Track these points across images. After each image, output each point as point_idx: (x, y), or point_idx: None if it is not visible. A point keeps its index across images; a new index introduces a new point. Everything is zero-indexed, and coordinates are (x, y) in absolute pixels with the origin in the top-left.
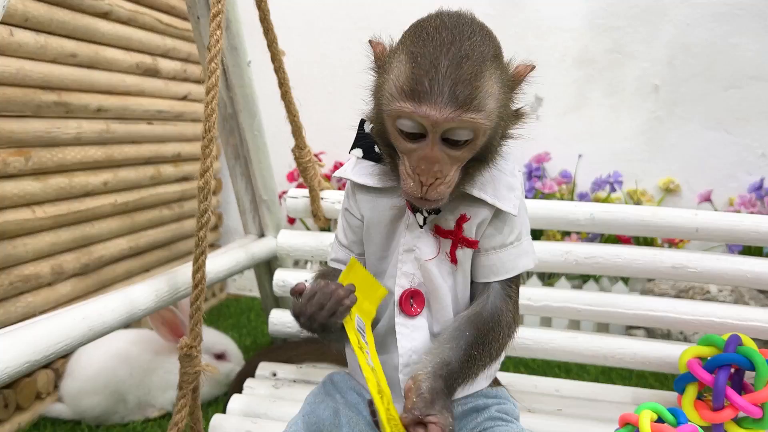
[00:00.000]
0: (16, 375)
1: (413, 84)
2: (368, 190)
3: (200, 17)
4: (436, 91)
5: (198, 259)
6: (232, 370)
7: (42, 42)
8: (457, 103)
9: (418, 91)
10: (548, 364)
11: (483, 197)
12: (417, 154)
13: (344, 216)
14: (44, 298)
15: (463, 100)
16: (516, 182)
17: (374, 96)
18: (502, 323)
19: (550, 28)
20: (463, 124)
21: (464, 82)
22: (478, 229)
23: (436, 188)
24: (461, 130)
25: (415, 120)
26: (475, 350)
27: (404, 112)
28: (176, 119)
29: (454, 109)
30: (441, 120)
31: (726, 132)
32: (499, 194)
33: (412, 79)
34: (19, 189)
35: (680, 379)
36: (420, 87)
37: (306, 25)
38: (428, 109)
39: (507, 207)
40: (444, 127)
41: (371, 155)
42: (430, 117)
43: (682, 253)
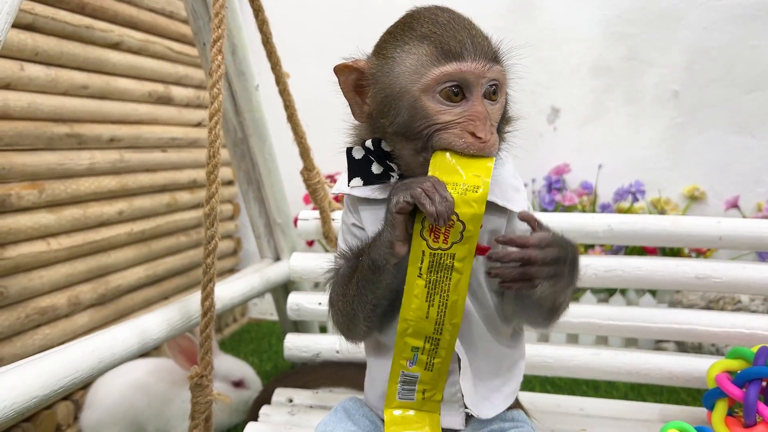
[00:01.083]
0: (25, 410)
1: (447, 48)
2: (368, 203)
3: (206, 43)
4: (471, 50)
5: (206, 286)
6: (250, 398)
7: (53, 75)
8: (489, 57)
9: (455, 51)
10: (575, 381)
11: (493, 200)
12: (465, 114)
13: (350, 231)
14: (62, 330)
15: (492, 54)
16: (520, 184)
17: (385, 93)
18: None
19: (564, 38)
20: (499, 75)
21: (486, 41)
22: (490, 237)
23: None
24: (495, 82)
25: (461, 77)
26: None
27: (448, 73)
28: (191, 146)
29: (490, 61)
30: (486, 71)
31: (751, 136)
32: (507, 195)
33: (441, 45)
34: (33, 221)
35: (709, 395)
36: (455, 48)
37: (317, 48)
38: (471, 63)
39: (516, 207)
40: (487, 80)
41: (370, 179)
42: (476, 70)
43: (706, 262)
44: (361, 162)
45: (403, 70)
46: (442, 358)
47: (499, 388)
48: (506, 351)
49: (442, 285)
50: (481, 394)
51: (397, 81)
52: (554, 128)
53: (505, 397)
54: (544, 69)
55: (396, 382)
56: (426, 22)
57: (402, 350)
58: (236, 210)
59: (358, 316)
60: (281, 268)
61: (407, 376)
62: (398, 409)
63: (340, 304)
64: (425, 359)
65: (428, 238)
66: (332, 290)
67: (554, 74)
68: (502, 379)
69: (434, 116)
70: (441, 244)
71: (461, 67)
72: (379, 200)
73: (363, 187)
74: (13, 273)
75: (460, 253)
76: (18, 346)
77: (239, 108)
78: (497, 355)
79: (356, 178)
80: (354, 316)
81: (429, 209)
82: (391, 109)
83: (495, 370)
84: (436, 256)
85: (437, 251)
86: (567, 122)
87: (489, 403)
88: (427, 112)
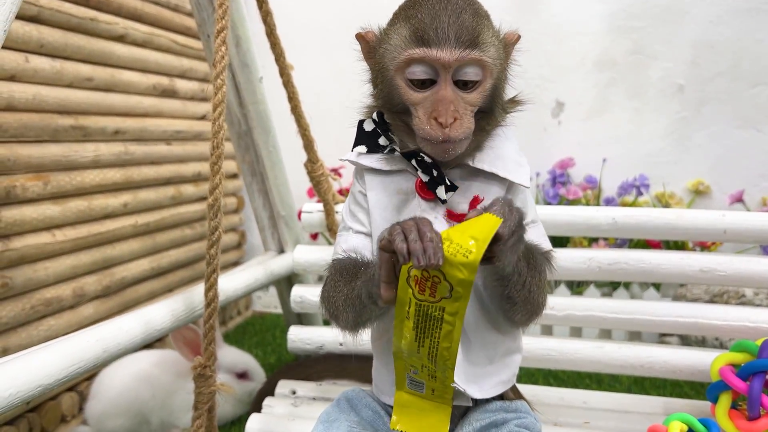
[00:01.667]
0: (29, 398)
1: (420, 32)
2: (376, 173)
3: (210, 35)
4: (443, 35)
5: (210, 277)
6: (254, 389)
7: (58, 67)
8: (464, 44)
9: (426, 36)
10: (579, 375)
11: (494, 171)
12: (431, 99)
13: (355, 199)
14: (66, 321)
15: (468, 40)
16: (523, 160)
17: (377, 67)
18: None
19: (568, 32)
20: (472, 62)
21: (467, 27)
22: None
23: (457, 129)
24: (471, 69)
25: (427, 63)
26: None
27: (415, 57)
28: (195, 139)
29: (463, 49)
30: (452, 59)
31: (756, 130)
32: (508, 168)
33: (418, 29)
34: (38, 213)
35: (713, 388)
36: (427, 33)
37: (321, 41)
38: (438, 50)
39: (520, 179)
40: (455, 66)
41: (375, 149)
42: (441, 58)
43: (710, 255)
44: (369, 134)
45: (388, 48)
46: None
47: (490, 375)
48: (501, 339)
49: (432, 332)
50: (470, 376)
51: (382, 57)
52: (558, 122)
53: (495, 385)
54: (549, 63)
55: (404, 379)
56: (420, 3)
57: (401, 366)
58: (240, 203)
59: (349, 318)
60: (285, 261)
61: (413, 379)
62: (409, 395)
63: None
64: (426, 375)
65: (413, 287)
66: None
67: (559, 68)
68: (494, 367)
69: (405, 96)
70: (428, 297)
71: (428, 53)
72: (385, 171)
73: (369, 156)
74: (19, 264)
75: (451, 309)
76: (23, 337)
77: (243, 100)
78: (493, 343)
79: (361, 146)
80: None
81: (399, 247)
82: (378, 82)
83: (489, 357)
84: (423, 306)
85: (424, 302)
86: (571, 116)
87: (477, 386)
88: (400, 92)
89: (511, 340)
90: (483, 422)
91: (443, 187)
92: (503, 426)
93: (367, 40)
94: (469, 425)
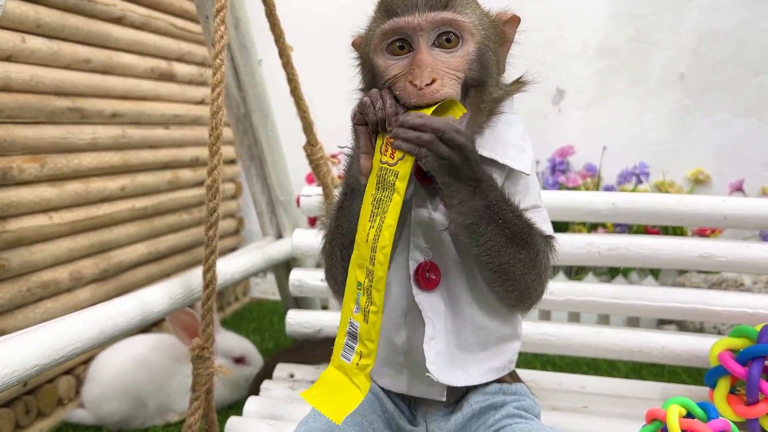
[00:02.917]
0: (26, 378)
1: (388, 6)
2: None
3: (209, 16)
4: (410, 2)
5: (208, 258)
6: (251, 374)
7: (55, 48)
8: (434, 6)
9: (394, 7)
10: (576, 361)
11: (493, 157)
12: (409, 65)
13: None
14: (63, 304)
15: (438, 2)
16: (526, 146)
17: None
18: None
19: (570, 18)
20: (445, 23)
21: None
22: None
23: (435, 90)
24: (447, 30)
25: (398, 32)
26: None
27: (386, 30)
28: (193, 123)
29: (433, 10)
30: (421, 21)
31: (757, 119)
32: (509, 154)
33: (385, 5)
34: (35, 195)
35: (711, 373)
36: (393, 4)
37: (321, 26)
38: (407, 16)
39: (519, 166)
40: (427, 29)
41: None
42: (410, 22)
43: (710, 241)
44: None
45: (368, 37)
46: (377, 307)
47: (481, 361)
48: (496, 324)
49: (384, 205)
50: (458, 362)
51: (366, 49)
52: (559, 110)
53: (485, 372)
54: (550, 50)
55: (344, 333)
56: None
57: (351, 288)
58: (238, 189)
59: (336, 254)
60: (283, 246)
61: (352, 326)
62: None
63: (326, 246)
64: (364, 303)
65: (382, 151)
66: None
67: (560, 55)
68: (487, 353)
69: (384, 72)
70: (389, 159)
71: (397, 22)
72: None
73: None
74: (15, 246)
75: (402, 171)
76: (20, 319)
77: (242, 83)
78: (485, 327)
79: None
80: (333, 256)
81: (369, 115)
82: (364, 77)
83: (482, 343)
84: (383, 171)
85: (384, 166)
86: (572, 104)
87: (463, 372)
88: (379, 70)
89: (507, 326)
90: (482, 404)
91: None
92: (502, 408)
93: (357, 44)
94: (469, 407)
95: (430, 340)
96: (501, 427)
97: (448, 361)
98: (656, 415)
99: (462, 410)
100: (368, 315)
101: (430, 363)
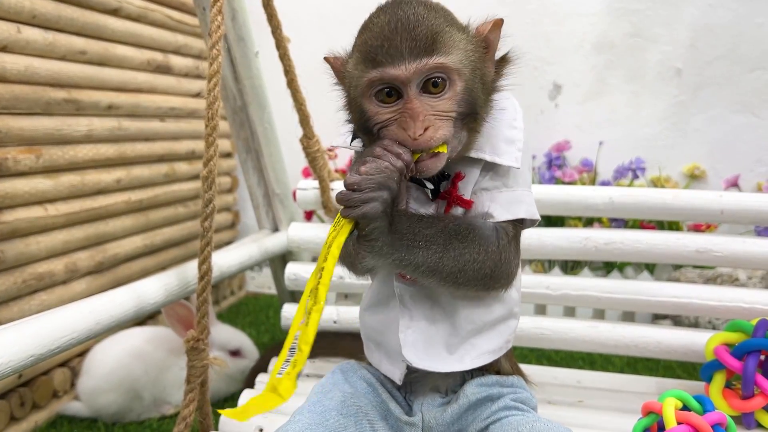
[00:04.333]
0: (21, 369)
1: (372, 53)
2: None
3: (206, 8)
4: (394, 51)
5: (203, 250)
6: (247, 367)
7: (50, 39)
8: (418, 54)
9: (379, 56)
10: (571, 356)
11: (481, 156)
12: (400, 111)
13: None
14: (59, 296)
15: (422, 49)
16: (516, 134)
17: (347, 93)
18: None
19: (566, 13)
20: (432, 69)
21: (419, 36)
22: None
23: (429, 138)
24: (434, 76)
25: (386, 82)
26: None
27: (373, 79)
28: (189, 116)
29: (418, 59)
30: (408, 74)
31: (753, 115)
32: (498, 150)
33: (369, 51)
34: (30, 187)
35: (707, 367)
36: (379, 53)
37: (318, 17)
38: (392, 68)
39: (507, 161)
40: (414, 79)
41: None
42: (397, 75)
43: (706, 236)
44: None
45: (350, 78)
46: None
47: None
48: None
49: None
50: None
51: (349, 87)
52: (555, 105)
53: (481, 354)
54: (547, 44)
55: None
56: (368, 27)
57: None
58: (234, 183)
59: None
60: (279, 239)
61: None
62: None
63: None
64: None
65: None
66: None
67: (556, 50)
68: (482, 337)
69: (375, 117)
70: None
71: (385, 72)
72: None
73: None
74: (10, 238)
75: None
76: (15, 311)
77: (239, 75)
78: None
79: (357, 139)
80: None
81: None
82: (351, 111)
83: (477, 329)
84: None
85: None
86: (568, 99)
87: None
88: (369, 114)
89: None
90: (479, 395)
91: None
92: (499, 400)
93: (334, 66)
94: (465, 398)
95: (406, 329)
96: (497, 419)
97: (427, 348)
98: (652, 408)
99: (458, 401)
100: (309, 315)
101: (406, 349)
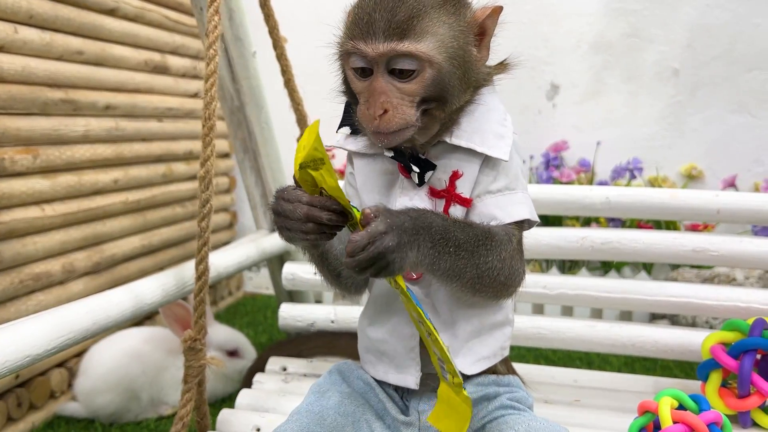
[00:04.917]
0: (17, 369)
1: (354, 25)
2: (362, 156)
3: (203, 8)
4: (371, 29)
5: (201, 250)
6: (244, 367)
7: (47, 39)
8: (391, 37)
9: (357, 30)
10: (569, 356)
11: (471, 146)
12: (367, 89)
13: (349, 182)
14: (56, 296)
15: (397, 33)
16: (506, 131)
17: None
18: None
19: (564, 13)
20: (401, 55)
21: (397, 20)
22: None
23: (388, 120)
24: (402, 60)
25: (361, 55)
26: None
27: (349, 50)
28: (187, 117)
29: (390, 41)
30: (376, 53)
31: (750, 115)
32: (487, 143)
33: (353, 22)
34: (27, 187)
35: (703, 366)
36: (358, 27)
37: (315, 17)
38: (364, 44)
39: (497, 153)
40: (382, 59)
41: (358, 131)
42: (367, 52)
43: (703, 236)
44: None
45: (339, 39)
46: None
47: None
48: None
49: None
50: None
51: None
52: (553, 105)
53: (477, 360)
54: (544, 45)
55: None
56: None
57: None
58: (232, 183)
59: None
60: (277, 239)
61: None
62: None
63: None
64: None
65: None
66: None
67: (554, 50)
68: (479, 341)
69: (353, 85)
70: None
71: (357, 45)
72: (370, 154)
73: (354, 140)
74: (7, 238)
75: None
76: (12, 311)
77: (236, 75)
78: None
79: (345, 127)
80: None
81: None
82: (343, 82)
83: (475, 331)
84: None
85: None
86: (566, 99)
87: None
88: (351, 81)
89: (498, 312)
90: (475, 395)
91: (417, 170)
92: (495, 399)
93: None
94: None
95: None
96: (494, 418)
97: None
98: (648, 407)
99: None
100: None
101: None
